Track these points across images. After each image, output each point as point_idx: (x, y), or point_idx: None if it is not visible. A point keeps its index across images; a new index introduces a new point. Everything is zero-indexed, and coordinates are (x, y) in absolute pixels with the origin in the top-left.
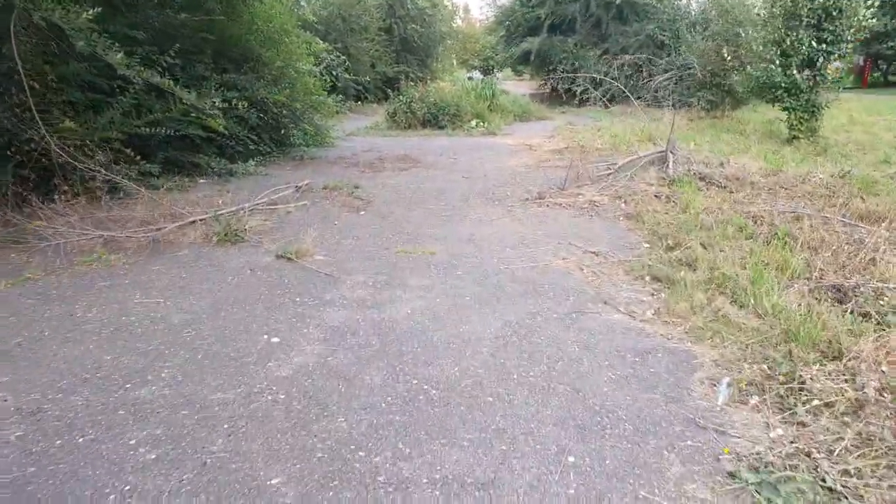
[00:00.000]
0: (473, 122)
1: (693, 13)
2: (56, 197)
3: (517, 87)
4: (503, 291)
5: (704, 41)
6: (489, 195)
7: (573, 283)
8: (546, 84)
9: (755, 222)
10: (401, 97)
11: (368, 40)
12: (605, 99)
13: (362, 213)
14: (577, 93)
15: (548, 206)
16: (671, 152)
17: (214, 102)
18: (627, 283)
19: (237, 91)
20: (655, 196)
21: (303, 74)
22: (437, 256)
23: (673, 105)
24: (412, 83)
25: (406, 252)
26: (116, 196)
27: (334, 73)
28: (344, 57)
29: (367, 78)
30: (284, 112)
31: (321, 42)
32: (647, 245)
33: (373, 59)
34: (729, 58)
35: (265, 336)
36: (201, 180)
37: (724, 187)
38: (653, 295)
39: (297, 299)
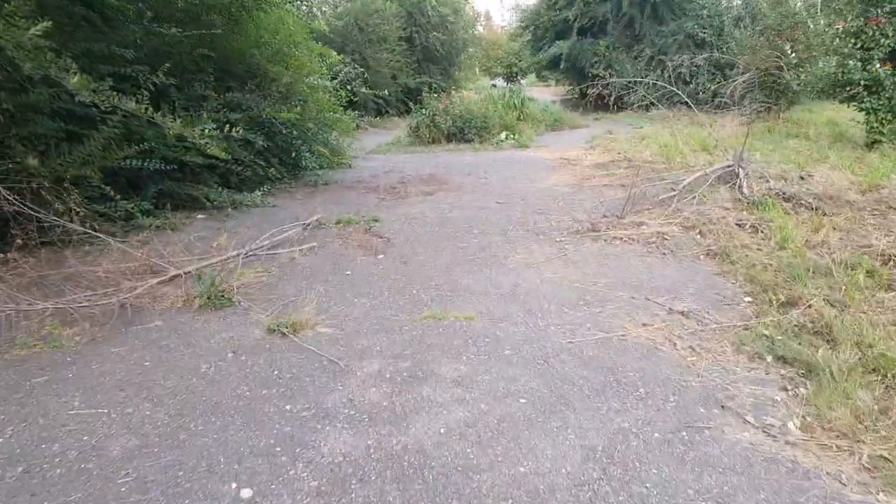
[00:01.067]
0: (503, 135)
1: (737, 6)
2: (7, 252)
3: (542, 93)
4: (573, 387)
5: (754, 37)
6: (531, 226)
7: (667, 369)
8: (575, 89)
9: (886, 262)
10: (423, 110)
11: (388, 51)
12: (644, 104)
13: (380, 256)
14: (613, 98)
15: (606, 240)
16: (740, 166)
17: (204, 130)
18: (743, 368)
19: (241, 111)
20: (737, 225)
21: (316, 90)
22: (475, 324)
23: (733, 107)
24: (435, 94)
25: (435, 317)
26: (85, 246)
27: (350, 86)
28: (362, 69)
29: (388, 91)
30: (295, 133)
31: (336, 54)
32: (750, 300)
33: (393, 71)
34: (792, 53)
35: (233, 485)
36: (200, 216)
37: (817, 209)
38: (787, 390)
39: (288, 407)
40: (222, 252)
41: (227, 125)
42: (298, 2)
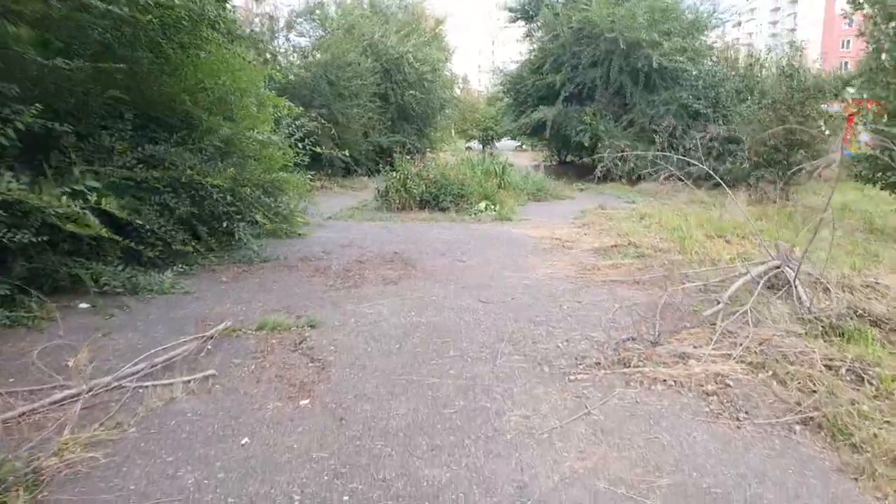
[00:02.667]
0: (482, 205)
1: (734, 78)
2: None
3: (518, 158)
4: None
5: (761, 110)
6: (530, 348)
7: None
8: (554, 155)
9: None
10: (394, 173)
11: (360, 107)
12: (633, 176)
13: (305, 402)
14: (598, 168)
15: (642, 383)
16: (789, 267)
17: (62, 197)
18: None
19: (163, 168)
20: (826, 367)
21: (266, 146)
22: None
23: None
24: (408, 156)
25: None
26: None
27: (306, 141)
28: (330, 125)
29: (358, 150)
30: (229, 198)
31: (291, 105)
32: None
33: (365, 128)
34: (825, 129)
35: None
36: (82, 304)
37: None
38: None
39: None
40: (69, 381)
41: (95, 194)
42: (256, 45)
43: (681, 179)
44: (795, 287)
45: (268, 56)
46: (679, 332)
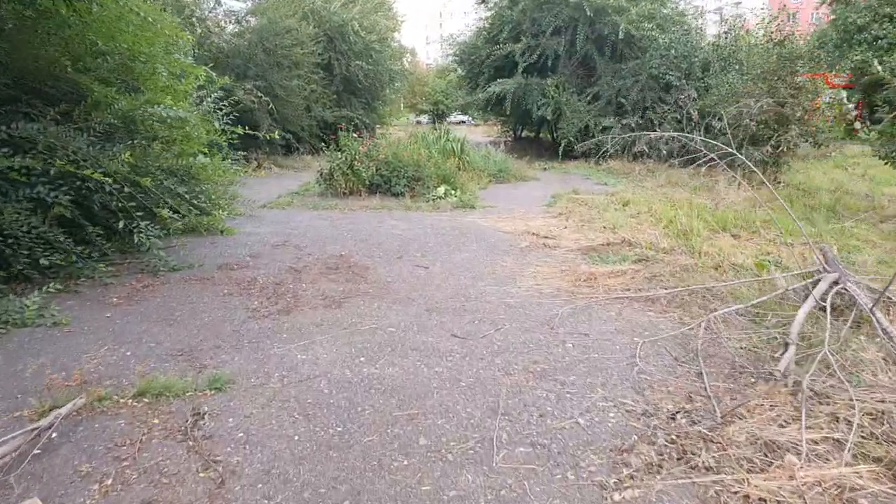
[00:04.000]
0: (440, 189)
1: (706, 49)
2: None
3: (472, 134)
4: None
5: (749, 82)
6: (535, 430)
7: None
8: (510, 133)
9: None
10: (339, 153)
11: (301, 78)
12: (600, 154)
13: None
14: (561, 145)
15: None
16: (851, 282)
17: None
18: None
19: (38, 154)
20: None
21: (178, 124)
22: None
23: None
24: (355, 134)
25: None
26: None
27: (228, 119)
28: (267, 98)
29: (299, 126)
30: (126, 190)
31: (216, 75)
32: None
33: (307, 101)
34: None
35: None
36: None
37: None
38: None
39: None
40: None
41: None
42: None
43: (668, 156)
44: (874, 315)
45: (194, 20)
46: (746, 396)
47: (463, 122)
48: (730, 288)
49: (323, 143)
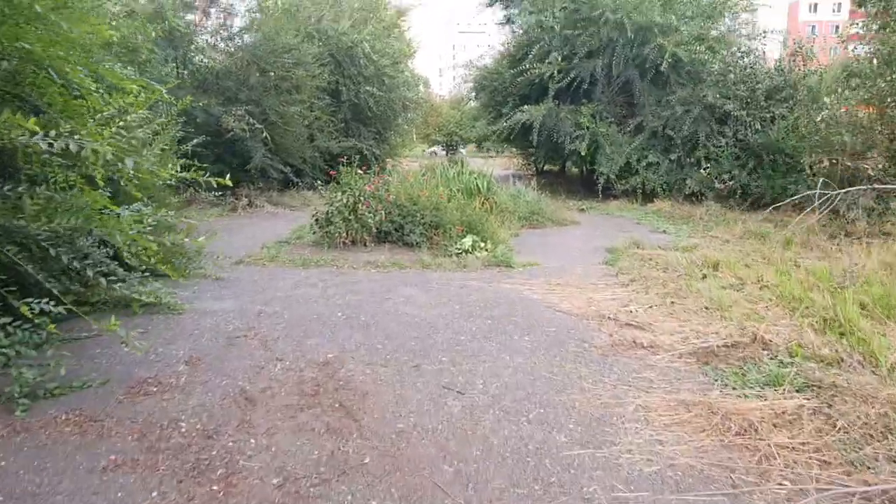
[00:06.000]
0: (467, 241)
1: (771, 72)
2: None
3: (485, 164)
4: None
5: (861, 95)
6: None
7: None
8: (531, 166)
9: None
10: (338, 193)
11: (302, 103)
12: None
13: None
14: (599, 181)
15: None
16: None
17: None
18: None
19: None
20: None
21: (123, 152)
22: None
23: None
24: (359, 169)
25: None
26: None
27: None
28: (261, 126)
29: (301, 157)
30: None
31: (159, 89)
32: None
33: (311, 130)
34: None
35: None
36: None
37: None
38: None
39: None
40: None
41: None
42: None
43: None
44: None
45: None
46: None
47: (433, 152)
48: None
49: (319, 181)
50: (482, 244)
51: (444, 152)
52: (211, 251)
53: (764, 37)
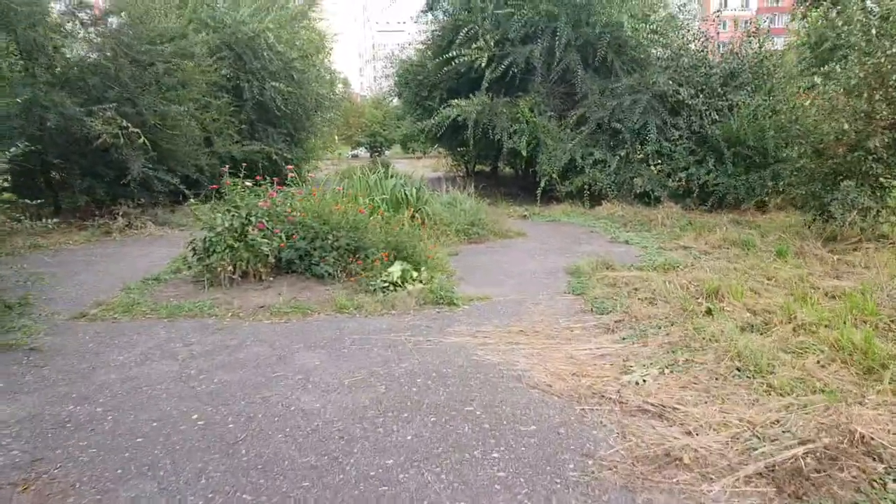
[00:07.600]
0: (395, 270)
1: (730, 57)
2: None
3: (413, 167)
4: None
5: (838, 89)
6: None
7: None
8: (460, 165)
9: None
10: (221, 214)
11: (192, 102)
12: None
13: None
14: (540, 183)
15: None
16: None
17: None
18: None
19: None
20: None
21: None
22: None
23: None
24: (249, 183)
25: None
26: None
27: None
28: (136, 129)
29: (195, 166)
30: None
31: None
32: None
33: (207, 133)
34: None
35: None
36: None
37: None
38: None
39: None
40: None
41: None
42: None
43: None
44: None
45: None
46: None
47: (356, 155)
48: None
49: (193, 197)
50: (414, 273)
51: (367, 154)
52: (51, 297)
53: (717, 18)
